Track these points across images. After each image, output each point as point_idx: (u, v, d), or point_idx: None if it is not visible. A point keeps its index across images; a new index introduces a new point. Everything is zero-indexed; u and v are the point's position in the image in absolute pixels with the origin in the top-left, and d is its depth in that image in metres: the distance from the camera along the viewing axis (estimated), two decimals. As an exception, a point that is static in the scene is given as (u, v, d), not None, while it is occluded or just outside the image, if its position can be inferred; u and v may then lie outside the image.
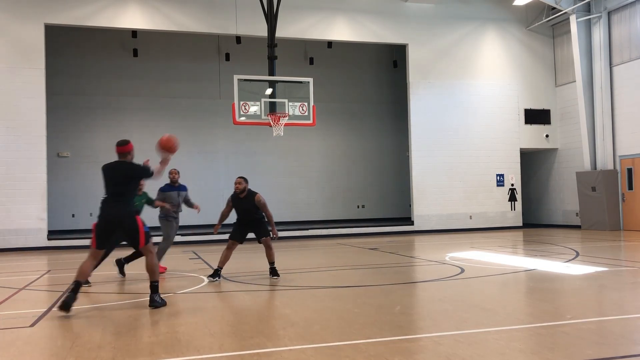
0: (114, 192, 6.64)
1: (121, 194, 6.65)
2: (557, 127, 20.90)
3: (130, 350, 4.64)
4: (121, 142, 6.87)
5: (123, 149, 6.80)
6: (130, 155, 6.84)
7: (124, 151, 6.80)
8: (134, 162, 6.84)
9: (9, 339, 5.16)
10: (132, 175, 6.74)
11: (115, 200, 6.62)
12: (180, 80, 21.84)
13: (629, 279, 7.99)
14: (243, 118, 13.55)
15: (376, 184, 23.71)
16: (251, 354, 4.45)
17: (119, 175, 6.69)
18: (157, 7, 17.53)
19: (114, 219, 6.55)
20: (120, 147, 6.82)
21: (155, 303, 6.47)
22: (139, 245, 6.67)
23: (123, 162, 6.79)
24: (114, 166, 6.79)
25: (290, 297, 7.32)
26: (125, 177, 6.69)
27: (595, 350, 4.39)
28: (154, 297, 6.52)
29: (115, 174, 6.70)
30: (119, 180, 6.66)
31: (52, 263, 12.59)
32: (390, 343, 4.71)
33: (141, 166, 6.75)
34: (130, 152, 6.84)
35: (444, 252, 12.40)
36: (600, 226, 18.16)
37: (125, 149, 6.81)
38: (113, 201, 6.62)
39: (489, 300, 6.66)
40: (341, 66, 23.35)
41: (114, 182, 6.67)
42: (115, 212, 6.57)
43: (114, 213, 6.56)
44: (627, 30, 17.90)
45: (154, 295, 6.53)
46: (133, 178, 6.78)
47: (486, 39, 20.46)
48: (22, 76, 16.19)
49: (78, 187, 20.61)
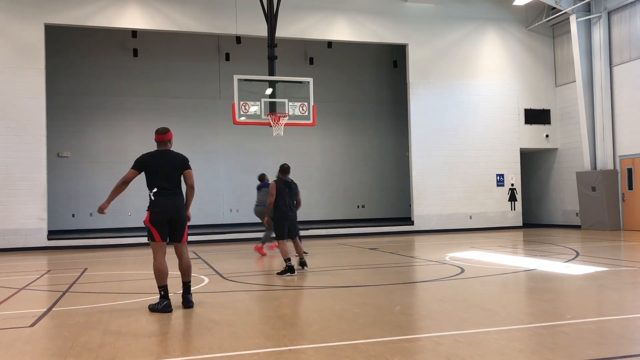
0: (168, 184, 6.35)
1: (177, 186, 6.43)
2: (557, 127, 20.90)
3: (130, 350, 4.64)
4: (162, 129, 6.53)
5: (164, 137, 6.49)
6: (171, 143, 6.57)
7: (165, 139, 6.50)
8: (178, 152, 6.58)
9: (9, 339, 5.16)
10: (181, 166, 6.44)
11: (172, 192, 6.37)
12: (180, 80, 21.84)
13: (629, 279, 7.99)
14: (243, 118, 13.55)
15: (376, 184, 23.71)
16: (251, 354, 4.45)
17: (167, 165, 6.38)
18: (157, 7, 17.53)
19: (172, 210, 6.31)
20: (161, 135, 6.48)
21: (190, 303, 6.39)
22: (180, 239, 6.44)
23: (170, 151, 6.50)
24: (161, 156, 6.43)
25: (290, 297, 7.32)
26: (178, 168, 6.42)
27: (595, 350, 4.39)
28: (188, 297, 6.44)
29: (164, 165, 6.37)
30: (171, 171, 6.38)
31: (52, 263, 12.59)
32: (390, 343, 4.71)
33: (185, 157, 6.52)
34: (171, 140, 6.57)
35: (444, 252, 12.40)
36: (600, 226, 18.16)
37: (167, 137, 6.51)
38: (170, 193, 6.35)
39: (489, 300, 6.66)
40: (341, 66, 23.36)
41: (165, 173, 6.35)
42: (173, 204, 6.34)
43: (172, 205, 6.32)
44: (627, 30, 17.89)
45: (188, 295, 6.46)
46: (182, 169, 6.44)
47: (486, 39, 20.46)
48: (22, 76, 16.19)
49: (78, 187, 20.62)
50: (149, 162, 6.40)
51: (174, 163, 6.41)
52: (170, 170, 6.38)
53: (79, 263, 12.07)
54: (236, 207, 21.48)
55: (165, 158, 6.42)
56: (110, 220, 20.83)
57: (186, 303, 6.39)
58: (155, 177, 6.36)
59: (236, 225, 20.86)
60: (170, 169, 6.38)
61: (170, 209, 6.31)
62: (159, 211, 6.29)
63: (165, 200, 6.32)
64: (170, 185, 6.37)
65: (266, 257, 12.16)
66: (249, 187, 21.31)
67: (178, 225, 6.38)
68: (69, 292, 7.92)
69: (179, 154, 6.53)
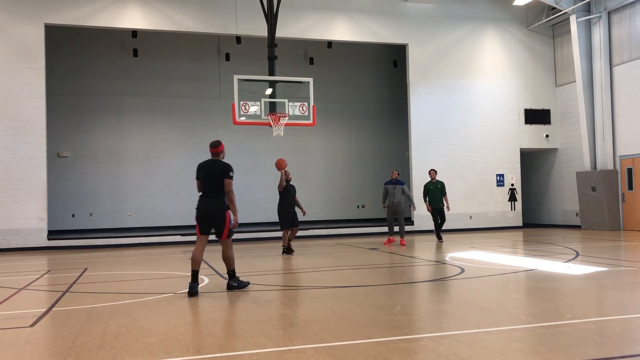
0: (209, 188, 7.39)
1: (215, 190, 7.37)
2: (557, 127, 20.90)
3: (130, 350, 4.64)
4: (214, 143, 7.60)
5: (216, 150, 7.56)
6: (222, 154, 7.62)
7: (217, 152, 7.57)
8: (225, 161, 7.58)
9: (9, 339, 5.16)
10: (222, 173, 7.39)
11: (210, 195, 7.39)
12: (180, 80, 21.84)
13: (629, 279, 7.99)
14: (243, 118, 13.55)
15: (376, 184, 23.66)
16: (251, 354, 4.45)
17: (211, 173, 7.42)
18: (157, 7, 17.53)
19: (208, 213, 7.35)
20: (213, 148, 7.57)
21: (231, 287, 7.52)
22: (220, 236, 7.44)
23: (216, 160, 7.54)
24: (208, 165, 7.53)
25: (290, 297, 7.32)
26: (218, 175, 7.38)
27: (595, 350, 4.38)
28: (230, 282, 7.56)
29: (209, 172, 7.43)
30: (212, 178, 7.39)
31: (52, 263, 12.59)
32: (390, 343, 4.71)
33: (229, 166, 7.45)
34: (222, 152, 7.62)
35: (444, 252, 12.41)
36: (600, 226, 18.16)
37: (218, 150, 7.57)
38: (208, 197, 7.40)
39: (489, 300, 6.65)
40: (341, 66, 23.35)
41: (208, 180, 7.40)
42: (209, 206, 7.36)
43: (208, 207, 7.37)
44: (627, 30, 17.89)
45: (230, 281, 7.58)
46: (222, 176, 7.39)
47: (486, 39, 20.46)
48: (22, 76, 16.19)
49: (78, 187, 20.62)
50: (199, 170, 7.57)
51: (215, 171, 7.44)
52: (211, 177, 7.42)
53: (79, 263, 12.07)
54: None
55: (210, 167, 7.51)
56: (110, 220, 20.86)
57: (227, 287, 7.59)
58: (203, 182, 7.49)
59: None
60: (212, 176, 7.42)
61: (205, 210, 7.38)
62: (197, 210, 7.45)
63: (202, 202, 7.44)
64: (210, 190, 7.41)
65: (266, 258, 12.19)
66: (249, 187, 21.35)
67: (217, 224, 7.40)
68: (69, 292, 7.92)
69: (222, 164, 7.52)
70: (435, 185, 14.98)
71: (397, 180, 14.41)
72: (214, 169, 7.44)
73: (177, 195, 21.27)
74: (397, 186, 14.32)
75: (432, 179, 15.08)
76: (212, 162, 7.55)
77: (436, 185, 14.97)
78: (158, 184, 21.27)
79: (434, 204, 14.95)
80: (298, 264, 10.92)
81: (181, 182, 21.46)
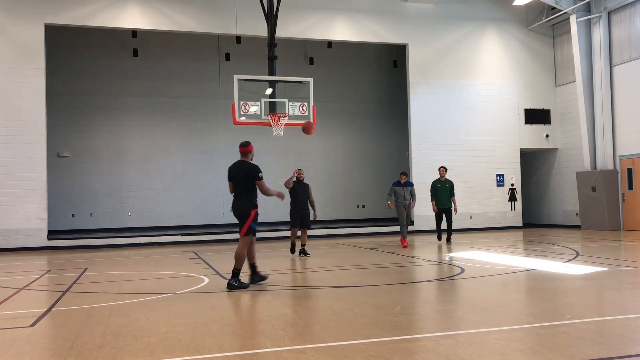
0: (237, 188, 7.73)
1: (243, 190, 7.69)
2: (557, 127, 20.90)
3: (130, 350, 4.64)
4: (243, 143, 7.87)
5: (244, 149, 7.81)
6: (251, 154, 7.85)
7: (245, 152, 7.81)
8: (252, 163, 7.81)
9: (9, 339, 5.16)
10: (251, 175, 7.65)
11: (238, 195, 7.75)
12: (180, 80, 21.84)
13: (629, 279, 7.99)
14: (243, 118, 13.54)
15: (376, 184, 23.69)
16: (251, 354, 4.45)
17: (238, 173, 7.72)
18: (157, 7, 17.53)
19: (235, 212, 7.75)
20: (242, 148, 7.81)
21: (231, 286, 7.52)
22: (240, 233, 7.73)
23: (245, 162, 7.80)
24: (236, 166, 7.82)
25: (290, 297, 7.32)
26: (243, 175, 7.67)
27: (595, 350, 4.38)
28: (230, 281, 7.57)
29: (237, 173, 7.74)
30: (239, 178, 7.69)
31: (52, 263, 12.59)
32: (390, 343, 4.71)
33: (256, 168, 7.68)
34: (251, 152, 7.85)
35: (444, 252, 12.41)
36: (600, 226, 18.16)
37: (246, 150, 7.82)
38: (237, 196, 7.77)
39: (489, 300, 6.65)
40: (341, 66, 23.35)
41: (236, 180, 7.73)
42: (235, 206, 7.76)
43: (234, 207, 7.77)
44: (627, 30, 17.89)
45: (231, 280, 7.58)
46: (251, 178, 7.66)
47: (486, 39, 20.46)
48: (22, 76, 16.19)
49: (78, 187, 20.63)
50: (229, 172, 7.89)
51: (243, 172, 7.72)
52: (239, 178, 7.72)
53: (79, 263, 12.07)
54: (236, 207, 21.44)
55: (239, 168, 7.79)
56: (110, 220, 20.86)
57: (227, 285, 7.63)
58: (233, 183, 7.82)
59: (236, 225, 20.75)
60: (240, 176, 7.71)
61: (233, 209, 7.81)
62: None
63: (233, 202, 7.85)
64: (238, 190, 7.76)
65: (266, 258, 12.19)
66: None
67: (240, 221, 7.77)
68: (69, 292, 7.92)
69: (250, 165, 7.75)
70: (443, 184, 14.28)
71: (407, 182, 13.81)
72: (242, 170, 7.70)
73: (177, 195, 21.28)
74: (406, 188, 13.69)
75: (442, 177, 14.36)
76: (241, 163, 7.79)
77: (444, 184, 14.27)
78: (158, 184, 21.27)
79: (441, 204, 14.26)
80: (298, 264, 10.92)
81: (181, 182, 21.47)
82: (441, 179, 14.43)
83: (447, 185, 14.30)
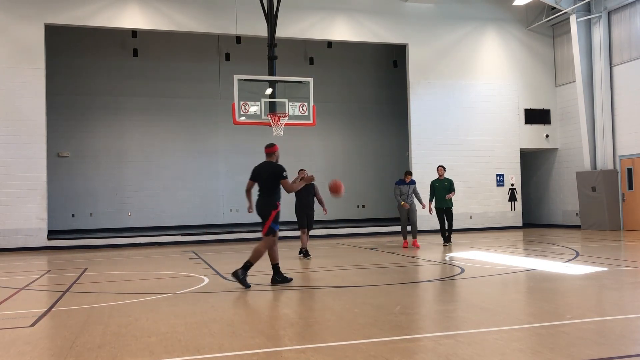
0: (261, 187, 7.95)
1: (266, 189, 7.88)
2: (557, 127, 20.90)
3: (131, 350, 4.64)
4: (268, 145, 8.14)
5: (270, 150, 8.08)
6: (275, 155, 8.08)
7: (270, 152, 8.07)
8: (276, 163, 8.04)
9: (9, 339, 5.16)
10: (276, 175, 7.84)
11: (261, 194, 7.94)
12: (180, 80, 21.84)
13: (629, 279, 7.99)
14: (243, 118, 13.55)
15: (376, 184, 23.70)
16: (251, 354, 4.45)
17: (263, 173, 7.93)
18: (157, 7, 17.53)
19: (257, 210, 7.90)
20: (267, 149, 8.09)
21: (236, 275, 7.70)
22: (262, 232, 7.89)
23: (269, 162, 8.03)
24: (262, 166, 8.04)
25: (290, 297, 7.32)
26: (268, 175, 7.87)
27: (595, 350, 4.38)
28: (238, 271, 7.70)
29: (261, 173, 7.95)
30: (263, 178, 7.91)
31: (52, 263, 12.59)
32: (390, 343, 4.71)
33: (280, 167, 7.88)
34: (275, 153, 8.08)
35: (444, 252, 12.41)
36: (600, 226, 18.16)
37: (271, 151, 8.07)
38: (260, 195, 7.96)
39: (489, 300, 6.65)
40: (341, 66, 23.35)
41: (261, 179, 7.94)
42: (257, 205, 7.93)
43: (257, 205, 7.93)
44: (627, 30, 17.89)
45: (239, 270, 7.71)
46: (277, 177, 7.85)
47: (486, 39, 20.46)
48: (22, 76, 16.19)
49: (78, 187, 20.63)
50: (253, 171, 8.08)
51: (267, 172, 7.92)
52: (262, 178, 7.93)
53: (79, 263, 12.07)
54: (236, 207, 21.44)
55: (264, 168, 8.00)
56: (110, 220, 20.86)
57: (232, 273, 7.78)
58: (258, 182, 8.01)
59: (236, 225, 20.85)
60: (265, 175, 7.91)
61: (256, 207, 7.96)
62: None
63: (257, 200, 7.99)
64: (261, 189, 7.96)
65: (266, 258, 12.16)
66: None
67: (262, 220, 7.92)
68: (69, 292, 7.92)
69: (275, 165, 7.97)
70: (442, 183, 13.97)
71: (411, 180, 13.66)
72: (268, 170, 7.92)
73: (177, 195, 21.28)
74: (410, 186, 13.52)
75: (440, 176, 14.17)
76: (266, 163, 8.01)
77: (443, 183, 13.96)
78: (158, 184, 21.28)
79: (440, 203, 14.02)
80: (298, 264, 10.92)
81: (181, 182, 21.47)
82: (440, 178, 14.23)
83: (445, 183, 14.06)
